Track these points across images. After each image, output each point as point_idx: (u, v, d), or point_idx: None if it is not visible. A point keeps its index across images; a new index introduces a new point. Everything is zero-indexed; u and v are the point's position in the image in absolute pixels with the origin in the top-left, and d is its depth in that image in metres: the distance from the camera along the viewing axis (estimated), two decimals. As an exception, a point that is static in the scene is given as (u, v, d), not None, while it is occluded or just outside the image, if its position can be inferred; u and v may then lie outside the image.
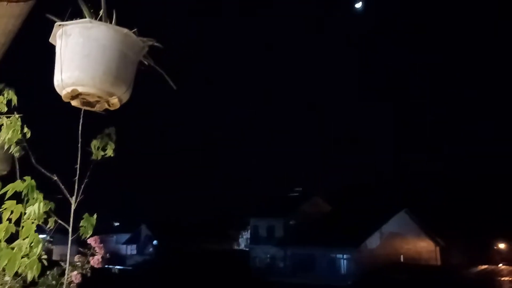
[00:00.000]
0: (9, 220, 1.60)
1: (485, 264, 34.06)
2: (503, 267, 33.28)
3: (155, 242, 52.63)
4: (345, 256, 35.41)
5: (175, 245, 46.86)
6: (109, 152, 2.06)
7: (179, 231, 50.72)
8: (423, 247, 37.66)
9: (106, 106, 1.50)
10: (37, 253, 1.61)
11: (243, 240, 50.61)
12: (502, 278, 30.18)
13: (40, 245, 1.60)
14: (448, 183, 50.92)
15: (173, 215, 58.11)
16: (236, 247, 52.26)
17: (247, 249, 47.47)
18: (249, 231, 47.54)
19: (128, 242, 58.16)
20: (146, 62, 1.63)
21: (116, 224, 64.18)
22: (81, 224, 1.91)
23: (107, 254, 2.23)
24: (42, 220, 1.72)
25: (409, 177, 57.70)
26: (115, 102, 1.48)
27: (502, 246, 39.76)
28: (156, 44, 1.62)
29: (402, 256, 35.95)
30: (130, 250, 57.52)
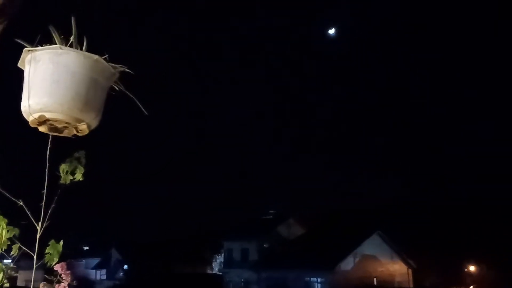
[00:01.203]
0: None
1: (456, 287, 34.53)
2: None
3: (125, 266, 51.28)
4: (319, 280, 35.30)
5: (146, 270, 45.74)
6: (78, 176, 2.02)
7: (151, 255, 49.60)
8: (396, 269, 37.93)
9: (75, 132, 1.49)
10: (-1, 281, 1.56)
11: (217, 264, 49.84)
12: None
13: (1, 274, 1.56)
14: (420, 207, 51.80)
15: (145, 238, 56.88)
16: (209, 271, 51.38)
17: (220, 273, 46.74)
18: (223, 254, 46.92)
19: (97, 267, 56.47)
20: (117, 88, 1.64)
21: (86, 248, 62.33)
22: (46, 251, 1.87)
23: (74, 281, 2.17)
24: (5, 247, 1.68)
25: (382, 200, 58.52)
26: (83, 128, 1.47)
27: (472, 268, 40.44)
28: (127, 70, 1.63)
29: (375, 278, 36.08)
30: (100, 275, 55.82)
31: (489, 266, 38.94)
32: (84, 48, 1.53)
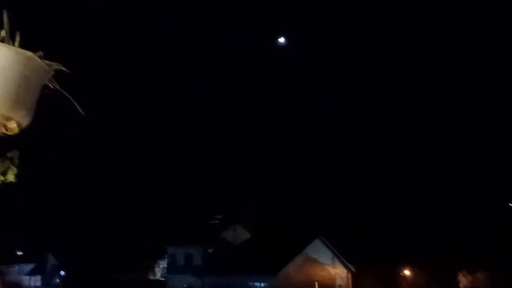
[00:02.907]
0: None
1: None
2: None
3: (62, 272, 49.01)
4: (262, 284, 35.52)
5: (85, 276, 43.98)
6: (10, 177, 1.92)
7: (90, 260, 47.73)
8: (337, 273, 38.99)
9: (3, 130, 1.43)
10: None
11: (160, 269, 48.79)
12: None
13: None
14: (359, 214, 53.72)
15: (84, 243, 54.49)
16: (152, 277, 50.17)
17: (163, 278, 45.80)
18: (166, 259, 46.03)
19: (31, 273, 53.53)
20: (51, 86, 1.59)
21: (19, 253, 58.86)
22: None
23: (6, 288, 2.05)
24: None
25: (323, 206, 59.91)
26: (13, 127, 1.42)
27: (407, 273, 42.32)
28: (62, 68, 1.59)
29: (316, 282, 36.86)
30: (34, 281, 52.95)
31: (422, 270, 41.01)
32: (16, 44, 1.47)
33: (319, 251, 38.37)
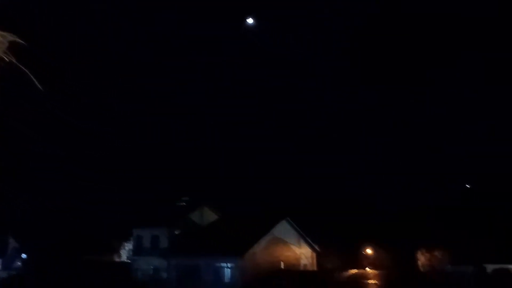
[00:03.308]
0: None
1: (355, 268, 37.29)
2: (370, 270, 36.77)
3: (24, 255, 47.84)
4: (229, 265, 35.90)
5: (47, 259, 43.10)
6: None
7: (52, 243, 46.76)
8: (302, 253, 39.94)
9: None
10: None
11: (125, 252, 48.40)
12: (368, 281, 33.31)
13: None
14: (324, 197, 54.94)
15: (46, 225, 53.12)
16: (117, 259, 49.74)
17: (129, 260, 45.52)
18: (132, 241, 45.68)
19: (-9, 256, 51.99)
20: (6, 59, 1.57)
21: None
22: None
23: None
24: None
25: (289, 188, 60.78)
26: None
27: (369, 251, 43.84)
28: (19, 40, 1.56)
29: (282, 262, 37.65)
30: (-7, 265, 51.50)
31: (383, 249, 42.62)
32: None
33: (285, 232, 39.09)
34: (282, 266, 37.52)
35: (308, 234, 40.71)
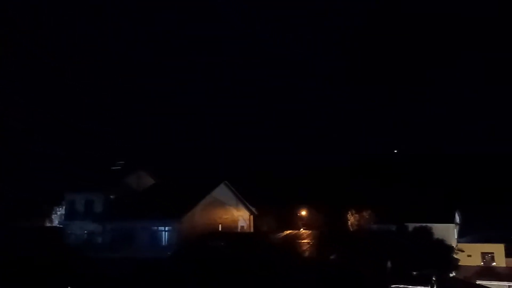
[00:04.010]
0: None
1: (290, 229, 38.92)
2: (303, 231, 38.55)
3: None
4: (166, 228, 35.92)
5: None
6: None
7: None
8: (240, 215, 40.90)
9: None
10: None
11: (57, 216, 46.75)
12: (302, 240, 34.97)
13: None
14: (262, 162, 55.99)
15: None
16: (48, 224, 47.96)
17: (61, 225, 44.10)
18: (64, 206, 44.20)
19: None
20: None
21: None
22: None
23: None
24: None
25: (227, 151, 61.22)
26: None
27: (303, 213, 45.80)
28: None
29: (220, 225, 38.37)
30: None
31: (316, 211, 44.74)
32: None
33: (223, 195, 39.65)
34: (220, 228, 38.23)
35: (245, 197, 41.61)
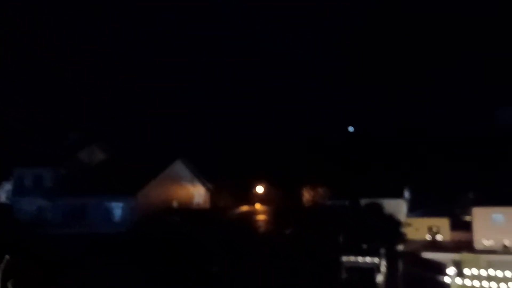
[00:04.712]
0: None
1: (246, 205, 39.24)
2: (259, 207, 39.00)
3: None
4: (120, 204, 35.32)
5: None
6: None
7: None
8: (195, 192, 40.72)
9: None
10: None
11: (5, 192, 44.76)
12: (258, 216, 35.41)
13: None
14: (219, 138, 55.82)
15: None
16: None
17: (8, 201, 42.33)
18: (11, 181, 42.32)
19: None
20: None
21: None
22: None
23: None
24: None
25: (183, 128, 60.51)
26: None
27: (259, 189, 46.24)
28: None
29: (176, 201, 38.10)
30: None
31: (272, 187, 45.26)
32: None
33: (179, 171, 39.28)
34: (175, 204, 37.98)
35: (201, 174, 41.41)
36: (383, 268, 28.57)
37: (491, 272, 37.07)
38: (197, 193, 41.02)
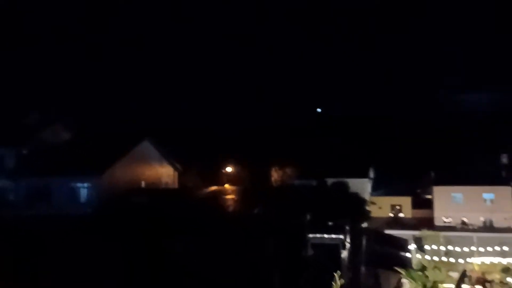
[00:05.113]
0: None
1: (215, 185, 39.32)
2: (228, 187, 39.18)
3: None
4: (86, 185, 34.69)
5: None
6: None
7: None
8: (164, 172, 40.42)
9: None
10: None
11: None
12: (227, 196, 35.60)
13: None
14: (189, 120, 55.36)
15: None
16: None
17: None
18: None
19: None
20: None
21: None
22: None
23: None
24: None
25: (153, 108, 59.66)
26: None
27: (228, 170, 46.37)
28: None
29: (143, 181, 37.75)
30: None
31: (242, 167, 45.49)
32: None
33: (146, 151, 38.82)
34: (143, 184, 37.63)
35: (170, 154, 41.07)
36: (347, 244, 29.44)
37: (450, 247, 38.80)
38: (166, 173, 40.74)
